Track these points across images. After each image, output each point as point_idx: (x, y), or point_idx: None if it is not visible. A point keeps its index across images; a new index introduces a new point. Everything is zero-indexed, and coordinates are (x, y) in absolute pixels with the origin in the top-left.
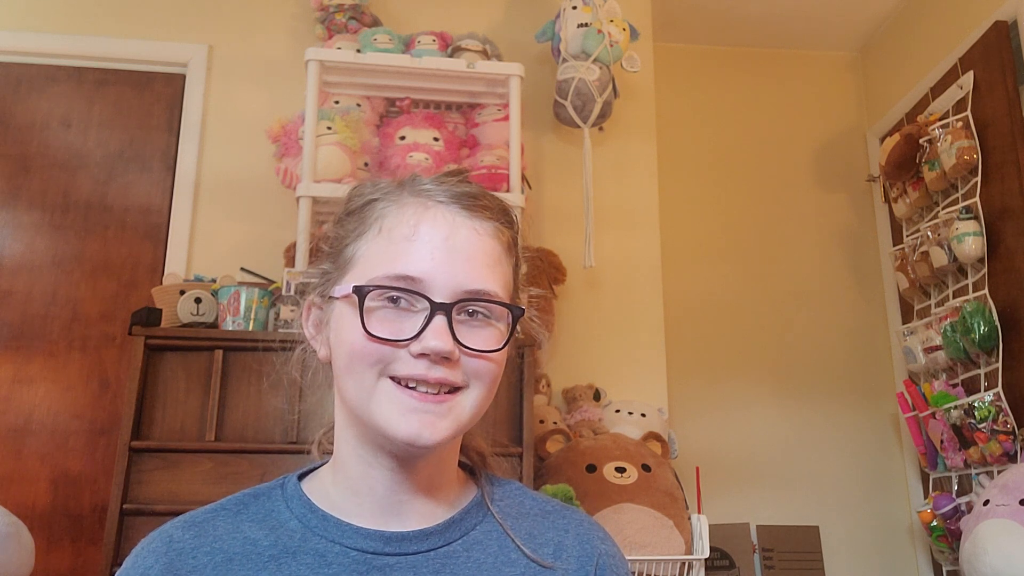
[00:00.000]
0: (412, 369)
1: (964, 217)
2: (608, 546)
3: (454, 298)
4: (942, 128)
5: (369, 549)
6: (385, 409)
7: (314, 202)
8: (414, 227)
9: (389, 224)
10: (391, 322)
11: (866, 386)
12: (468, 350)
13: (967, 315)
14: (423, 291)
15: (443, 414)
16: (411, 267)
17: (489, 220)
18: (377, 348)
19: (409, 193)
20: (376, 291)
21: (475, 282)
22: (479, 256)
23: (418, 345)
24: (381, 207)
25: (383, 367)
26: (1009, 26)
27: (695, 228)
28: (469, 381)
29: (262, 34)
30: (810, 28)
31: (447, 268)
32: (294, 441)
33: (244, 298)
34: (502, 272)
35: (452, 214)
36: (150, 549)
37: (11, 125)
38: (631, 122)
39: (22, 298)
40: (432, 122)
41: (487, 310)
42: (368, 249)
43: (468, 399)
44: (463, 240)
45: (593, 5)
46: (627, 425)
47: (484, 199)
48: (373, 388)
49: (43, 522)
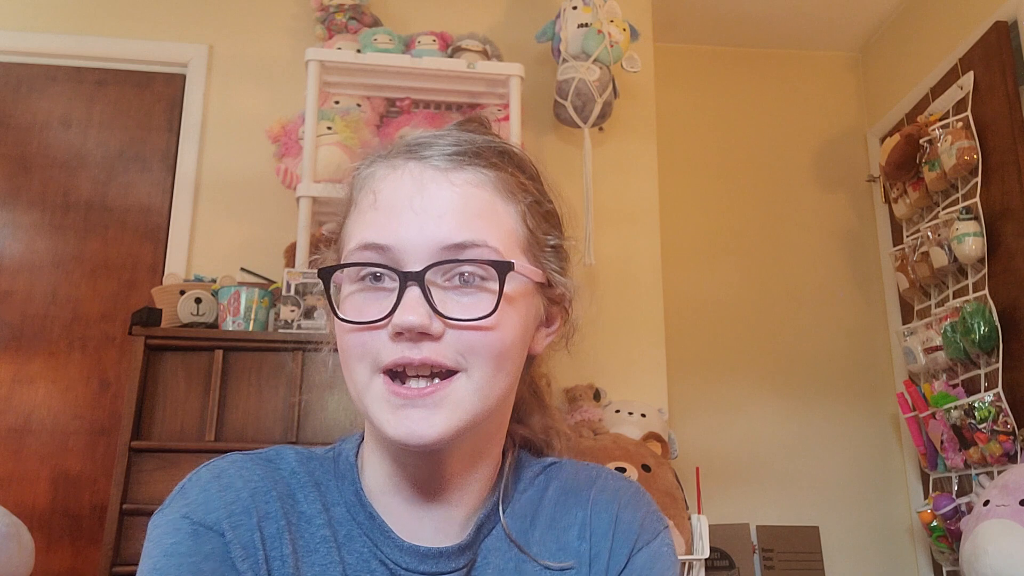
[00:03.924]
0: (393, 354)
1: (964, 217)
2: (630, 513)
3: (426, 263)
4: (942, 128)
5: (403, 564)
6: (377, 408)
7: (314, 202)
8: (375, 192)
9: (362, 194)
10: (365, 303)
11: (866, 386)
12: (450, 320)
13: (967, 315)
14: (392, 261)
15: (435, 406)
16: (374, 235)
17: (473, 167)
18: (359, 337)
19: (384, 156)
20: (345, 269)
21: (450, 238)
22: (455, 209)
23: (391, 324)
24: (360, 181)
25: (370, 359)
26: (1009, 26)
27: (695, 228)
28: (464, 362)
29: (262, 34)
30: (810, 28)
31: (414, 230)
32: (294, 441)
33: (244, 298)
34: (496, 222)
35: (422, 168)
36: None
37: (11, 125)
38: (631, 122)
39: (22, 298)
40: (432, 122)
41: (482, 271)
42: (347, 227)
43: (467, 384)
44: (433, 195)
45: (593, 5)
46: (627, 425)
47: (468, 145)
48: (367, 385)
49: (43, 522)
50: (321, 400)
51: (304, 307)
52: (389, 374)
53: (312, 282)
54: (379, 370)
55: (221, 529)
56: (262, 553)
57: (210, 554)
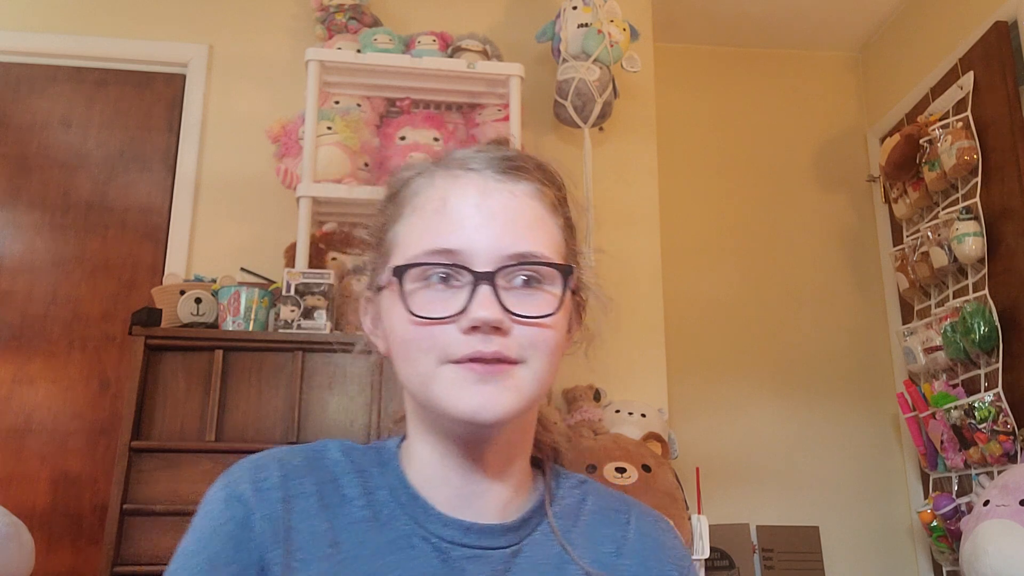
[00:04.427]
0: (466, 347)
1: (964, 217)
2: (673, 540)
3: (496, 265)
4: (942, 128)
5: (447, 538)
6: (446, 390)
7: (314, 202)
8: (443, 199)
9: (422, 201)
10: (436, 301)
11: (866, 386)
12: (518, 318)
13: (967, 315)
14: (463, 263)
15: (505, 385)
16: (445, 239)
17: (526, 181)
18: (427, 331)
19: (440, 167)
20: (416, 269)
21: (516, 245)
22: (518, 218)
23: (466, 319)
24: (414, 186)
25: (438, 352)
26: (1009, 26)
27: (695, 228)
28: (526, 355)
29: (262, 34)
30: (810, 28)
31: (484, 235)
32: (294, 441)
33: (244, 298)
34: (547, 233)
35: (484, 179)
36: (283, 454)
37: (11, 125)
38: (631, 122)
39: (22, 298)
40: (432, 122)
41: (537, 274)
42: (404, 230)
43: (528, 373)
44: (497, 204)
45: (593, 5)
46: (627, 425)
47: (518, 160)
48: (433, 374)
49: (43, 522)
50: (321, 400)
51: (304, 307)
52: (452, 363)
53: (313, 282)
54: (447, 362)
55: (247, 500)
56: (284, 525)
57: (232, 518)
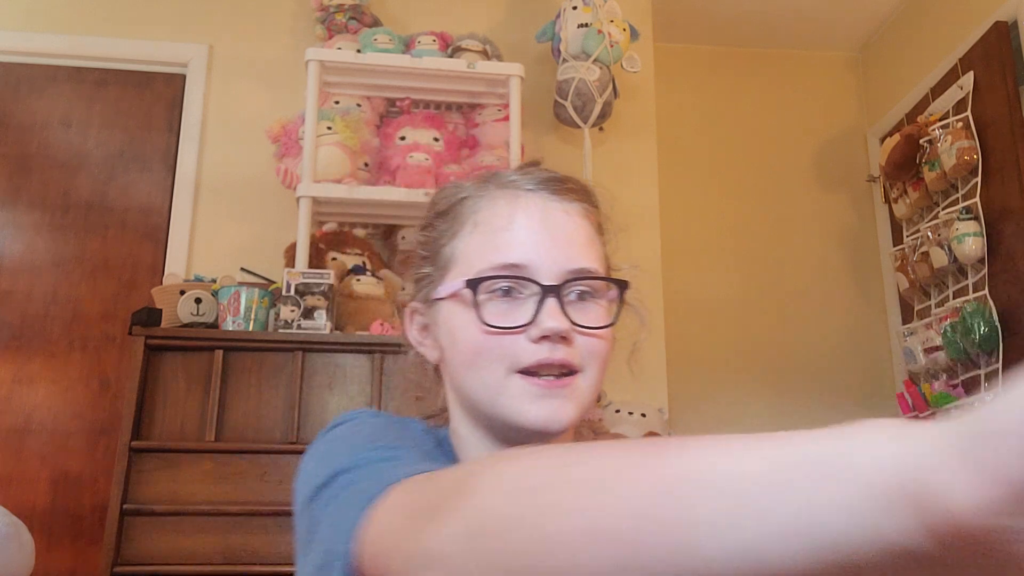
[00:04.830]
0: (536, 355)
1: (964, 217)
2: None
3: (560, 279)
4: (942, 128)
5: None
6: (515, 401)
7: (314, 202)
8: (509, 217)
9: (484, 217)
10: (505, 312)
11: (866, 386)
12: (582, 328)
13: (967, 316)
14: (530, 276)
15: (568, 397)
16: (514, 255)
17: (577, 201)
18: (497, 340)
19: (496, 186)
20: (486, 282)
21: (576, 261)
22: (575, 236)
23: (536, 329)
24: (471, 204)
25: (508, 361)
26: (1009, 26)
27: (695, 228)
28: (585, 364)
29: (262, 34)
30: (810, 28)
31: (548, 251)
32: (294, 441)
33: (244, 298)
34: (597, 250)
35: (543, 199)
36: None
37: (11, 125)
38: (631, 122)
39: (22, 298)
40: (432, 122)
41: (591, 288)
42: (466, 246)
43: (585, 381)
44: (557, 222)
45: (593, 5)
46: (627, 425)
47: (569, 182)
48: (502, 383)
49: (43, 522)
50: (321, 400)
51: (304, 307)
52: (520, 373)
53: (313, 282)
54: (516, 370)
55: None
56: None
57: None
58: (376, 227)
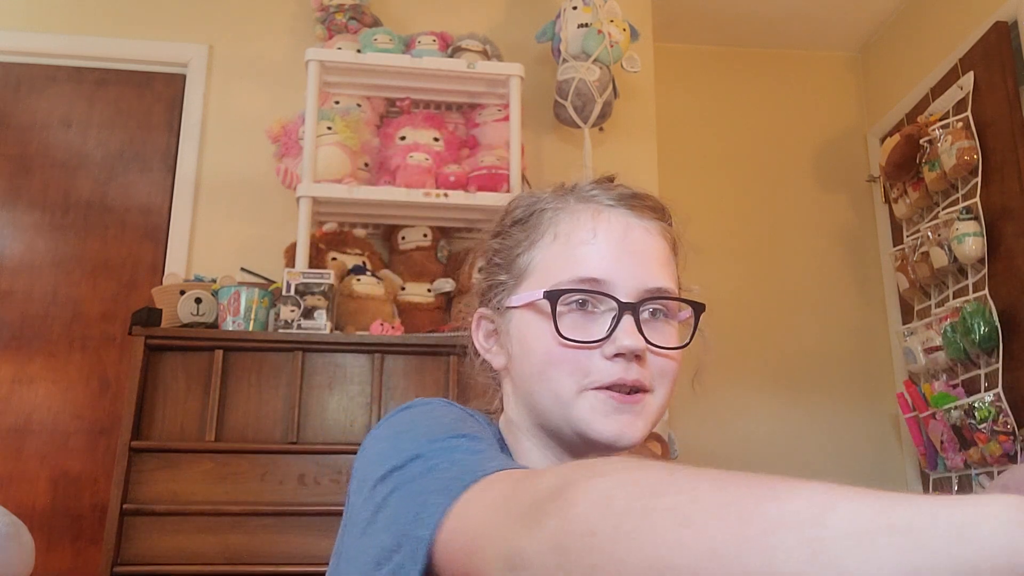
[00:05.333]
0: (610, 374)
1: (964, 217)
2: None
3: (638, 297)
4: (942, 128)
5: None
6: (587, 415)
7: (314, 202)
8: (592, 230)
9: (565, 230)
10: (580, 325)
11: (866, 386)
12: (657, 348)
13: (967, 316)
14: (608, 291)
15: (639, 413)
16: (594, 269)
17: (655, 220)
18: (572, 353)
19: (576, 200)
20: (565, 295)
21: (654, 280)
22: (653, 255)
23: (612, 346)
24: (550, 215)
25: (581, 376)
26: (1009, 26)
27: (695, 228)
28: (656, 383)
29: (262, 34)
30: (810, 28)
31: (627, 268)
32: (294, 441)
33: (244, 298)
34: (672, 270)
35: (623, 216)
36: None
37: (11, 125)
38: (631, 122)
39: (22, 298)
40: (432, 122)
41: (666, 308)
42: (545, 256)
43: (655, 400)
44: (637, 240)
45: (593, 5)
46: None
47: (649, 200)
48: (574, 397)
49: (43, 522)
50: (321, 400)
51: (304, 307)
52: (594, 389)
53: (313, 282)
54: (589, 388)
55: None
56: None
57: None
58: (376, 227)
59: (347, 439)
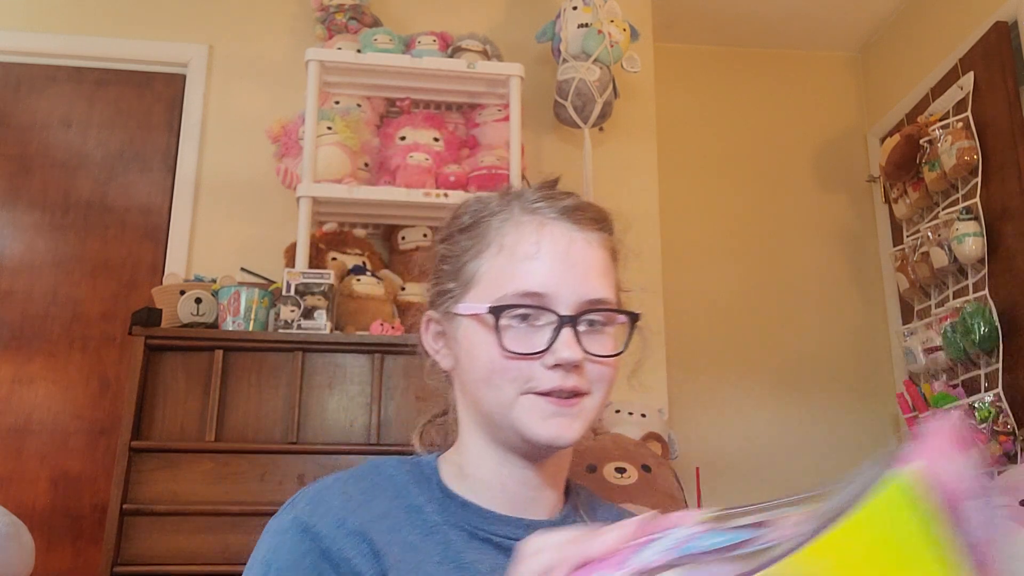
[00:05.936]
0: (550, 382)
1: (964, 218)
2: None
3: (577, 309)
4: (942, 129)
5: (508, 535)
6: (526, 417)
7: (314, 202)
8: (536, 244)
9: (510, 242)
10: (523, 337)
11: (866, 386)
12: (594, 357)
13: (967, 316)
14: (549, 305)
15: (575, 415)
16: (537, 284)
17: (597, 231)
18: (515, 364)
19: (521, 210)
20: (508, 310)
21: (594, 292)
22: (594, 266)
23: (551, 356)
24: (497, 225)
25: (522, 383)
26: (1009, 26)
27: (695, 228)
28: (593, 387)
29: (262, 34)
30: (810, 28)
31: (568, 281)
32: (294, 441)
33: (244, 298)
34: (612, 279)
35: (567, 230)
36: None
37: (11, 125)
38: (631, 122)
39: (22, 298)
40: (432, 122)
41: (604, 317)
42: (491, 267)
43: (591, 403)
44: (579, 253)
45: (593, 5)
46: (627, 425)
47: (591, 211)
48: (514, 401)
49: (43, 522)
50: (321, 400)
51: (304, 307)
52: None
53: (313, 282)
54: (528, 391)
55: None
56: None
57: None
58: (376, 227)
59: (347, 439)
